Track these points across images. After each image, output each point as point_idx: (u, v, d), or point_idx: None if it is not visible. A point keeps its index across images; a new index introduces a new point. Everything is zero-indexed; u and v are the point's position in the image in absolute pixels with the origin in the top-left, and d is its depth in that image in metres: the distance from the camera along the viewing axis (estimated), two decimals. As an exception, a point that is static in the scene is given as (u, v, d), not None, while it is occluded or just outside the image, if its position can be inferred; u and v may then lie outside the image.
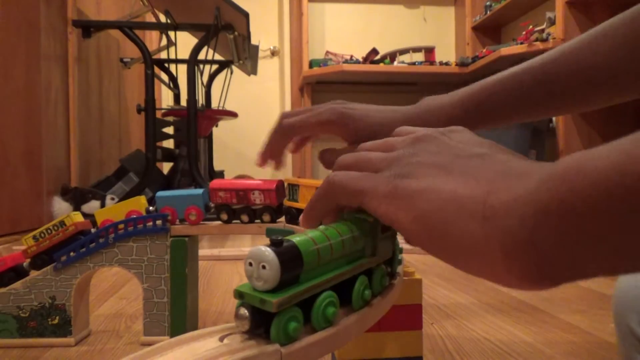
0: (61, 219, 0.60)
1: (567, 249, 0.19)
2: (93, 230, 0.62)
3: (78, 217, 0.61)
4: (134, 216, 0.60)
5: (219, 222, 0.60)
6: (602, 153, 0.18)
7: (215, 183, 0.59)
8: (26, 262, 0.61)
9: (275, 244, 0.21)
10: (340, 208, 0.30)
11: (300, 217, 0.32)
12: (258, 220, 0.59)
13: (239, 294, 0.21)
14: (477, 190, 0.22)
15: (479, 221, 0.21)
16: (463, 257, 0.22)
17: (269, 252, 0.21)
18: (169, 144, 2.02)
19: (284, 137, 0.47)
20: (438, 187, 0.23)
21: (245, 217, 0.59)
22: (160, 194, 0.61)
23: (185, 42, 1.99)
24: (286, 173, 3.20)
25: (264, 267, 0.21)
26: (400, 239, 0.33)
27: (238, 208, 0.59)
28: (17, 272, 0.60)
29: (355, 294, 0.26)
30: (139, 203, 0.62)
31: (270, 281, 0.21)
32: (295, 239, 0.23)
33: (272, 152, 0.48)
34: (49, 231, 0.59)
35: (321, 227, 0.25)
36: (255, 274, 0.21)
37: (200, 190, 0.60)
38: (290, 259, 0.21)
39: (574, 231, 0.18)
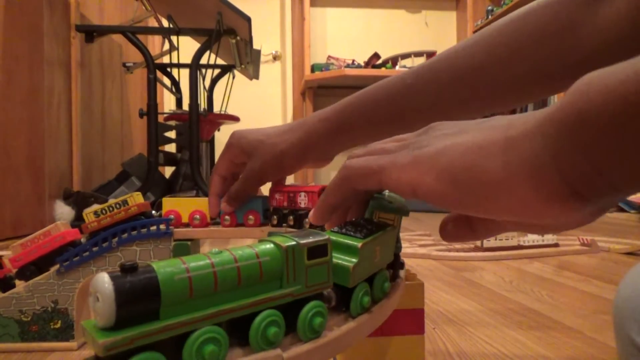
0: (124, 197, 0.59)
1: (591, 159, 0.19)
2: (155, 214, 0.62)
3: (139, 198, 0.59)
4: (140, 220, 0.60)
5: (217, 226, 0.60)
6: (620, 65, 0.18)
7: (273, 186, 0.59)
8: (84, 237, 0.60)
9: (125, 270, 0.17)
10: (359, 197, 0.31)
11: (311, 212, 0.32)
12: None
13: (82, 328, 0.18)
14: (494, 133, 0.23)
15: (500, 156, 0.22)
16: (492, 197, 0.22)
17: (104, 282, 0.17)
18: (171, 148, 2.02)
19: (215, 179, 0.57)
20: (457, 142, 0.24)
21: (291, 221, 0.58)
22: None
23: (187, 46, 2.00)
24: (289, 179, 3.20)
25: (97, 299, 0.17)
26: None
27: (285, 212, 0.58)
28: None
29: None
30: (205, 204, 0.60)
31: (105, 317, 0.17)
32: (159, 264, 0.18)
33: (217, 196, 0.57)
34: (111, 208, 0.58)
35: (214, 250, 0.21)
36: (92, 306, 0.17)
37: (261, 196, 0.59)
38: (133, 291, 0.17)
39: (594, 140, 0.19)
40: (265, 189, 0.58)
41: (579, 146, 0.19)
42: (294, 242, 0.23)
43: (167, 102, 2.84)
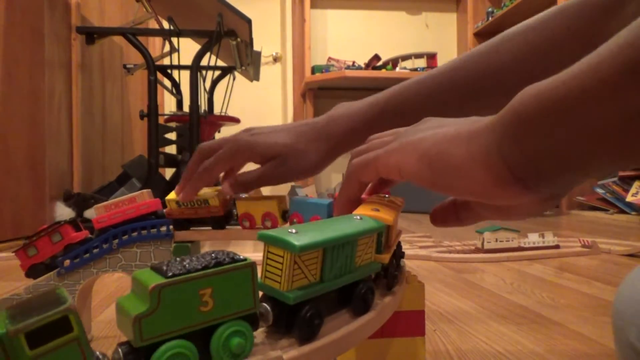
0: (206, 198, 0.56)
1: (523, 148, 0.24)
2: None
3: (215, 202, 0.57)
4: (141, 222, 0.60)
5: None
6: (555, 76, 0.22)
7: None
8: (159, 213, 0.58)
9: None
10: (371, 187, 0.37)
11: (334, 207, 0.37)
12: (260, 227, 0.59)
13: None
14: (463, 128, 0.28)
15: (465, 144, 0.27)
16: (457, 178, 0.27)
17: None
18: (171, 149, 2.02)
19: (205, 180, 0.52)
20: (436, 132, 0.29)
21: None
22: (295, 198, 0.57)
23: (188, 48, 2.00)
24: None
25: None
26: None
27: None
28: (157, 216, 0.58)
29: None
30: (275, 206, 0.58)
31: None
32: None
33: (196, 191, 0.53)
34: (192, 204, 0.56)
35: None
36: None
37: (327, 201, 0.58)
38: None
39: (525, 133, 0.23)
40: (281, 189, 0.57)
41: (514, 139, 0.24)
42: (2, 331, 0.15)
43: (168, 104, 2.84)
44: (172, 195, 0.56)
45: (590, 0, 0.41)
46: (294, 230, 0.23)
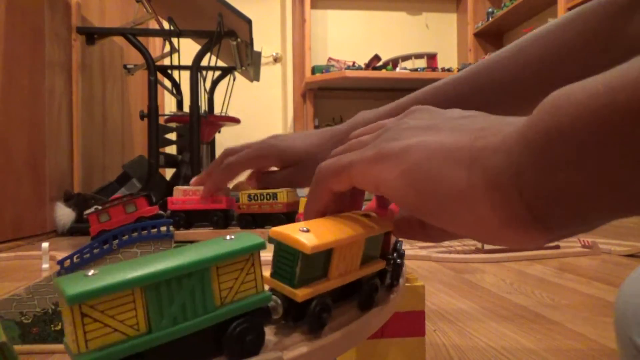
0: (274, 191, 0.55)
1: (555, 180, 0.17)
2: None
3: (282, 196, 0.55)
4: (141, 222, 0.60)
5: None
6: (590, 79, 0.17)
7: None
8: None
9: None
10: (341, 198, 0.29)
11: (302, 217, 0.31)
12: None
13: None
14: (463, 138, 0.21)
15: (466, 166, 0.20)
16: (450, 207, 0.21)
17: None
18: (171, 150, 2.03)
19: (227, 175, 0.52)
20: (425, 141, 0.23)
21: None
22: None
23: (188, 48, 2.01)
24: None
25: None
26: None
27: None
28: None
29: None
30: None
31: None
32: None
33: (215, 188, 0.53)
34: (262, 196, 0.55)
35: None
36: None
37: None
38: None
39: (562, 160, 0.17)
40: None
41: (543, 167, 0.18)
42: None
43: (168, 104, 2.85)
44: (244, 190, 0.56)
45: (607, 1, 0.40)
46: (90, 273, 0.17)
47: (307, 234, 0.22)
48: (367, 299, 0.27)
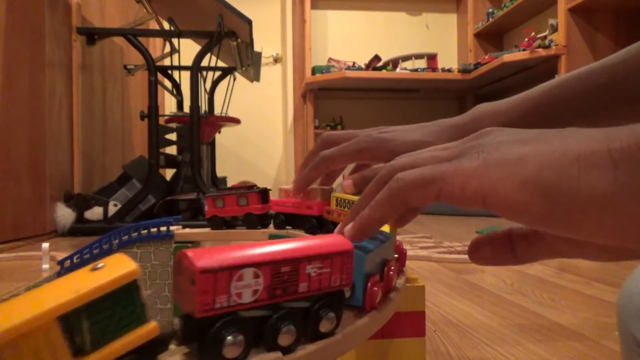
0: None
1: None
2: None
3: None
4: (142, 222, 0.60)
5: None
6: None
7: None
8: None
9: None
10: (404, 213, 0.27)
11: (349, 226, 0.27)
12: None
13: None
14: (595, 144, 0.19)
15: (610, 168, 0.19)
16: (594, 214, 0.19)
17: None
18: (172, 150, 2.03)
19: (323, 168, 0.45)
20: (540, 149, 0.21)
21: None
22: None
23: (188, 49, 2.01)
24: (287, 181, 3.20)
25: None
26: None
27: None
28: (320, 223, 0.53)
29: None
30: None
31: None
32: None
33: (309, 182, 0.47)
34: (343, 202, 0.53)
35: None
36: None
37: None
38: None
39: None
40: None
41: None
42: None
43: (168, 105, 2.85)
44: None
45: None
46: None
47: None
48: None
